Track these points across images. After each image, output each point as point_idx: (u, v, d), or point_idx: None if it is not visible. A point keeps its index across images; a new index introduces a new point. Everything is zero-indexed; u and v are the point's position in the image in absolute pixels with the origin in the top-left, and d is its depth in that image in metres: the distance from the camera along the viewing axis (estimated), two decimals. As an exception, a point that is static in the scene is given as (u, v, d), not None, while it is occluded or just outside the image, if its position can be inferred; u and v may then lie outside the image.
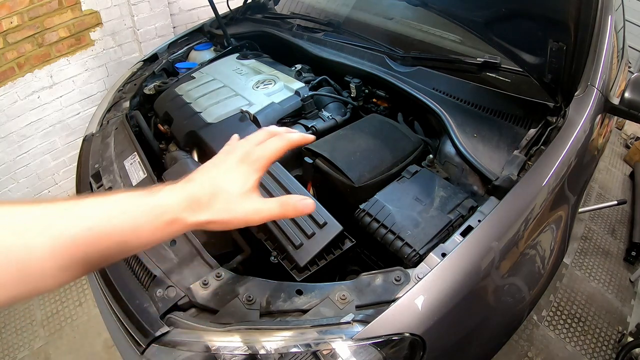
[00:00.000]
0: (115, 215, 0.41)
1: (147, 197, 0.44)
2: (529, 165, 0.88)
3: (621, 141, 3.24)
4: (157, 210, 0.44)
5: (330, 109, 1.28)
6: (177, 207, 0.45)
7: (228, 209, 0.47)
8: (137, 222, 0.42)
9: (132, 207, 0.43)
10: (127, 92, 1.51)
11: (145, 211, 0.43)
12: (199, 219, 0.46)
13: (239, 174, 0.49)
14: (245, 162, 0.51)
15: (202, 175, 0.49)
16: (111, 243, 0.41)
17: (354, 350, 0.63)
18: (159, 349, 0.67)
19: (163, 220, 0.44)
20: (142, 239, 0.43)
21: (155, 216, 0.43)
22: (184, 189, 0.47)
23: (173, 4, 2.37)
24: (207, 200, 0.47)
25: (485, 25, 1.10)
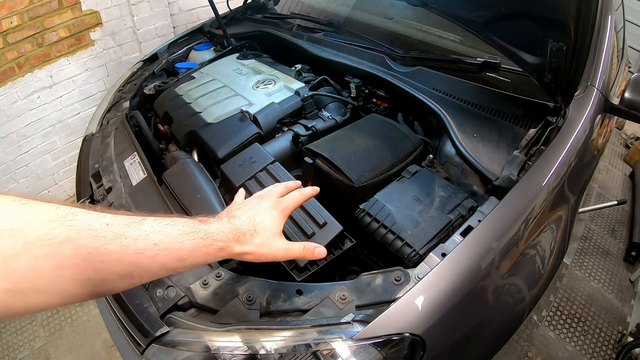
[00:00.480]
0: (178, 235, 0.48)
1: (203, 225, 0.53)
2: (529, 165, 0.88)
3: (621, 141, 3.24)
4: (213, 237, 0.52)
5: (330, 109, 1.28)
6: (227, 237, 0.54)
7: (264, 245, 0.58)
8: (195, 244, 0.50)
9: (192, 231, 0.50)
10: (127, 92, 1.51)
11: (202, 237, 0.51)
12: (243, 249, 0.56)
13: (272, 217, 0.61)
14: (276, 208, 0.63)
15: (243, 213, 0.59)
16: (171, 259, 0.47)
17: (354, 350, 0.63)
18: (159, 349, 0.67)
19: (216, 246, 0.52)
20: (196, 258, 0.51)
21: (211, 242, 0.52)
22: (231, 223, 0.56)
23: (173, 4, 2.37)
24: (249, 235, 0.57)
25: (485, 25, 1.10)
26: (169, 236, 0.47)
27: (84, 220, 0.41)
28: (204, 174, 1.03)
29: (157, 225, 0.47)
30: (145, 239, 0.45)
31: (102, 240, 0.41)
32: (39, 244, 0.37)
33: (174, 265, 0.48)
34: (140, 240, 0.44)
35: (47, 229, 0.38)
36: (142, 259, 0.44)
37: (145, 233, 0.45)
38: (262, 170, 0.98)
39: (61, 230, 0.39)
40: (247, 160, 1.02)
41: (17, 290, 0.36)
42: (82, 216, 0.42)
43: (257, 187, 0.95)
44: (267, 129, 1.17)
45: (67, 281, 0.39)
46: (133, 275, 0.45)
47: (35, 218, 0.38)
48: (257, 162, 1.00)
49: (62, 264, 0.38)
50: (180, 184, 1.00)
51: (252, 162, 1.01)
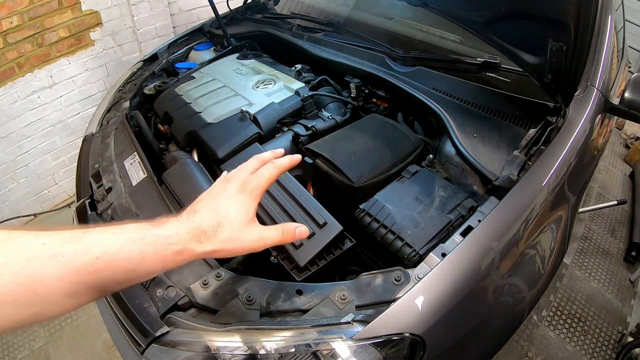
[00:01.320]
0: (123, 244, 0.44)
1: (154, 229, 0.47)
2: (529, 165, 0.88)
3: (621, 141, 3.24)
4: (165, 241, 0.46)
5: (330, 109, 1.28)
6: (185, 238, 0.48)
7: (233, 239, 0.51)
8: (145, 251, 0.44)
9: (140, 237, 0.45)
10: (127, 92, 1.51)
11: (153, 242, 0.45)
12: (205, 249, 0.49)
13: (239, 204, 0.53)
14: (243, 191, 0.54)
15: (204, 206, 0.52)
16: (118, 271, 0.43)
17: (354, 350, 0.63)
18: (159, 349, 0.67)
19: (172, 250, 0.46)
20: (150, 267, 0.46)
21: (164, 246, 0.46)
22: (189, 220, 0.50)
23: (173, 4, 2.37)
24: (212, 231, 0.50)
25: (485, 25, 1.10)
26: (111, 247, 0.43)
27: (19, 243, 0.39)
28: (204, 174, 1.03)
29: (99, 236, 0.43)
30: (85, 253, 0.41)
31: (38, 262, 0.39)
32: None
33: (124, 277, 0.44)
34: (80, 256, 0.41)
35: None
36: (85, 276, 0.41)
37: (85, 247, 0.42)
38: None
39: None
40: None
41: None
42: (19, 239, 0.40)
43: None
44: (267, 129, 1.17)
45: (10, 306, 0.38)
46: (79, 293, 0.42)
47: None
48: (257, 162, 1.00)
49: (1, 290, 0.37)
50: (180, 184, 1.00)
51: (252, 162, 1.01)
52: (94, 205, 1.05)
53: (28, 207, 2.31)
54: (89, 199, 1.08)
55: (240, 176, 0.56)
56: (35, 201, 2.34)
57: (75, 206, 1.10)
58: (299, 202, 0.88)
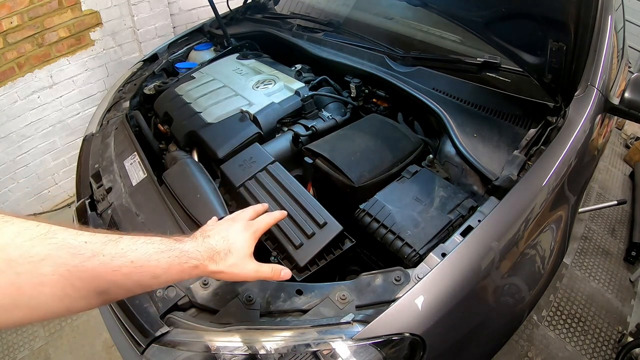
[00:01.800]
0: (154, 254, 0.50)
1: (178, 244, 0.54)
2: (529, 165, 0.88)
3: (621, 141, 3.24)
4: (187, 255, 0.54)
5: (330, 109, 1.28)
6: (202, 256, 0.56)
7: (237, 265, 0.60)
8: (170, 262, 0.51)
9: (167, 249, 0.52)
10: (127, 92, 1.51)
11: (177, 255, 0.52)
12: (217, 268, 0.57)
13: (244, 239, 0.63)
14: (247, 231, 0.65)
15: (216, 233, 0.61)
16: (146, 276, 0.49)
17: (354, 350, 0.63)
18: (159, 349, 0.67)
19: (190, 264, 0.54)
20: (171, 276, 0.52)
21: (186, 259, 0.53)
22: (205, 242, 0.58)
23: (173, 4, 2.37)
24: (224, 255, 0.59)
25: (485, 25, 1.10)
26: (144, 254, 0.48)
27: (63, 238, 0.42)
28: (204, 174, 1.03)
29: (133, 243, 0.49)
30: (122, 256, 0.46)
31: (81, 258, 0.42)
32: (21, 261, 0.38)
33: (149, 282, 0.50)
34: (117, 258, 0.45)
35: (29, 246, 0.39)
36: (119, 276, 0.46)
37: (122, 251, 0.46)
38: (262, 170, 0.98)
39: (42, 248, 0.40)
40: (247, 160, 1.02)
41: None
42: (61, 234, 0.43)
43: (257, 187, 0.95)
44: (267, 129, 1.17)
45: (46, 297, 0.40)
46: (109, 292, 0.46)
47: (17, 236, 0.39)
48: (257, 162, 1.00)
49: (42, 280, 0.40)
50: (180, 184, 1.00)
51: (252, 162, 1.01)
52: (94, 205, 1.05)
53: (28, 207, 2.31)
54: (89, 199, 1.08)
55: (242, 219, 0.67)
56: (35, 201, 2.34)
57: (75, 206, 1.10)
58: (299, 202, 0.88)
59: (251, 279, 0.62)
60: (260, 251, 0.87)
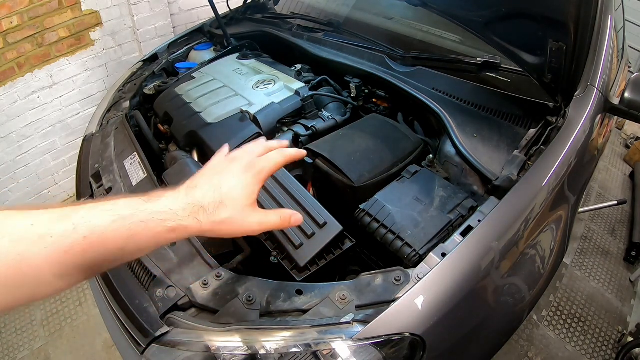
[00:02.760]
0: (112, 222, 0.42)
1: (147, 204, 0.45)
2: (529, 165, 0.88)
3: (621, 141, 3.24)
4: (157, 217, 0.44)
5: (330, 109, 1.28)
6: (180, 214, 0.45)
7: (234, 219, 0.48)
8: (133, 229, 0.42)
9: (130, 214, 0.43)
10: (127, 92, 1.51)
11: (143, 218, 0.43)
12: (202, 227, 0.47)
13: (244, 184, 0.50)
14: (249, 171, 0.52)
15: (205, 182, 0.49)
16: (107, 250, 0.42)
17: (354, 350, 0.63)
18: (159, 349, 0.67)
19: (164, 227, 0.44)
20: (140, 244, 0.44)
21: (156, 223, 0.44)
22: (188, 195, 0.47)
23: (173, 4, 2.37)
24: (213, 209, 0.47)
25: (485, 25, 1.10)
26: (99, 226, 0.41)
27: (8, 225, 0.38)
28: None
29: (88, 214, 0.41)
30: (74, 232, 0.40)
31: (25, 244, 0.38)
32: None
33: (114, 256, 0.43)
34: (68, 236, 0.39)
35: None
36: (73, 257, 0.40)
37: (73, 226, 0.40)
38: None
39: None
40: None
41: None
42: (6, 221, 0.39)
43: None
44: (267, 129, 1.17)
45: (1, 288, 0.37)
46: (69, 274, 0.41)
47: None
48: (257, 162, 1.00)
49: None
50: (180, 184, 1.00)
51: (252, 162, 1.01)
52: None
53: (28, 207, 2.31)
54: (89, 199, 1.08)
55: (246, 157, 0.54)
56: (35, 201, 2.34)
57: (75, 206, 1.10)
58: (299, 202, 0.88)
59: (256, 232, 0.52)
60: (260, 252, 0.87)
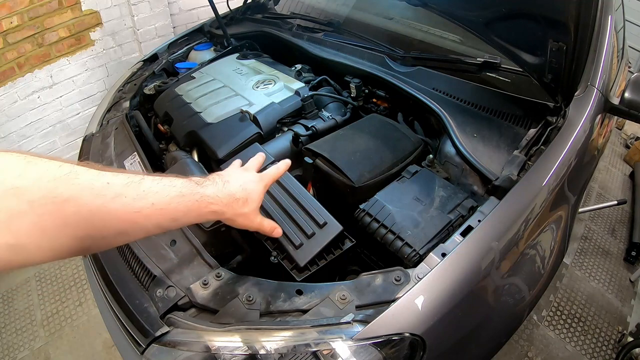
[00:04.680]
0: (174, 197, 0.50)
1: (199, 187, 0.54)
2: (529, 165, 0.88)
3: (621, 141, 3.24)
4: (207, 200, 0.55)
5: (330, 109, 1.28)
6: (221, 201, 0.57)
7: (249, 216, 0.62)
8: (189, 206, 0.52)
9: (189, 192, 0.52)
10: (127, 92, 1.51)
11: (198, 199, 0.53)
12: (234, 213, 0.59)
13: (258, 191, 0.64)
14: (261, 182, 0.66)
15: (235, 180, 0.62)
16: (166, 219, 0.50)
17: (354, 350, 0.63)
18: (159, 349, 0.67)
19: (210, 209, 0.55)
20: (189, 219, 0.53)
21: (205, 204, 0.54)
22: (225, 187, 0.59)
23: (173, 4, 2.38)
24: (241, 203, 0.60)
25: (485, 25, 1.10)
26: (166, 197, 0.49)
27: (85, 179, 0.42)
28: (204, 174, 1.03)
29: (155, 185, 0.49)
30: (144, 198, 0.47)
31: (103, 199, 0.43)
32: (43, 202, 0.39)
33: (167, 224, 0.51)
34: (139, 200, 0.46)
35: (51, 187, 0.39)
36: (139, 218, 0.46)
37: (144, 193, 0.47)
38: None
39: (64, 189, 0.40)
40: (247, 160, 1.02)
41: (20, 246, 0.38)
42: (84, 175, 0.43)
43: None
44: (267, 129, 1.17)
45: (68, 238, 0.41)
46: (129, 233, 0.47)
47: (40, 177, 0.39)
48: (257, 162, 1.00)
49: (65, 222, 0.40)
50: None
51: (252, 162, 1.01)
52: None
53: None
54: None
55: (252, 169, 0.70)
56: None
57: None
58: (299, 202, 0.88)
59: (253, 229, 0.66)
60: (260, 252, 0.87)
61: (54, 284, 1.95)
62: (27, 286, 1.95)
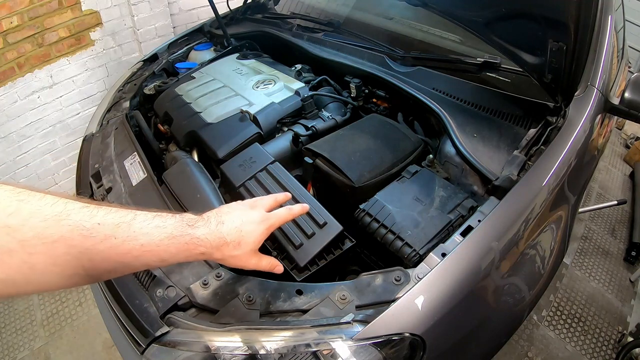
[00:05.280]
0: (164, 239, 0.51)
1: (190, 229, 0.54)
2: (529, 165, 0.88)
3: (621, 141, 3.24)
4: (197, 242, 0.54)
5: (330, 109, 1.28)
6: (210, 244, 0.56)
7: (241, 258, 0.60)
8: (179, 248, 0.53)
9: (179, 234, 0.52)
10: (127, 92, 1.51)
11: (187, 241, 0.53)
12: (222, 256, 0.58)
13: (257, 233, 0.62)
14: (263, 224, 0.63)
15: (231, 222, 0.60)
16: (155, 259, 0.51)
17: (354, 350, 0.63)
18: (159, 349, 0.67)
19: (198, 251, 0.55)
20: (176, 259, 0.54)
21: (194, 246, 0.54)
22: (217, 230, 0.58)
23: (173, 4, 2.37)
24: (232, 246, 0.59)
25: (486, 25, 1.10)
26: (155, 239, 0.50)
27: (76, 221, 0.44)
28: (204, 174, 1.03)
29: (146, 225, 0.50)
30: (134, 239, 0.48)
31: (93, 241, 0.44)
32: (34, 242, 0.40)
33: (155, 264, 0.52)
34: (129, 242, 0.47)
35: (42, 227, 0.41)
36: (128, 258, 0.48)
37: (134, 234, 0.48)
38: (262, 170, 0.98)
39: (55, 230, 0.41)
40: (247, 160, 1.02)
41: (10, 281, 0.40)
42: (75, 215, 0.44)
43: (257, 187, 0.95)
44: (267, 129, 1.17)
45: (57, 276, 0.43)
46: (117, 271, 0.49)
47: (31, 216, 0.40)
48: (257, 162, 1.00)
49: (55, 261, 0.42)
50: (180, 184, 1.00)
51: (252, 162, 1.01)
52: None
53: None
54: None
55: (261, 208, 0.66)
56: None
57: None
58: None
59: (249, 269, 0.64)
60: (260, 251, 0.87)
61: (54, 284, 1.95)
62: (27, 286, 1.95)
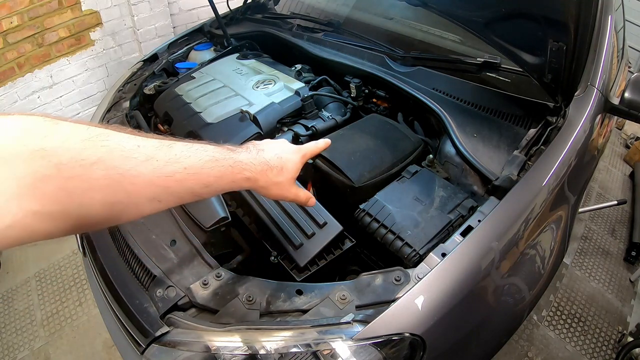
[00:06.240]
0: (207, 161, 0.48)
1: (232, 153, 0.53)
2: (529, 165, 0.88)
3: (621, 141, 3.24)
4: (241, 166, 0.53)
5: (330, 109, 1.28)
6: (255, 169, 0.55)
7: (283, 185, 0.61)
8: (223, 171, 0.50)
9: (222, 157, 0.51)
10: (127, 92, 1.51)
11: (231, 164, 0.52)
12: (265, 183, 0.58)
13: (295, 161, 0.63)
14: (299, 153, 0.65)
15: (270, 149, 0.60)
16: (198, 184, 0.48)
17: (354, 350, 0.63)
18: (159, 349, 0.67)
19: (243, 175, 0.54)
20: (221, 186, 0.52)
21: (239, 170, 0.53)
22: (260, 155, 0.57)
23: (173, 4, 2.38)
24: (276, 172, 0.59)
25: (485, 25, 1.10)
26: (198, 161, 0.47)
27: (115, 141, 0.40)
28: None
29: (187, 149, 0.47)
30: (176, 162, 0.44)
31: (134, 162, 0.40)
32: (71, 165, 0.36)
33: (200, 190, 0.48)
34: (171, 164, 0.44)
35: (80, 149, 0.37)
36: (171, 183, 0.44)
37: (176, 156, 0.45)
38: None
39: (93, 151, 0.37)
40: None
41: (46, 213, 0.35)
42: (114, 137, 0.40)
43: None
44: (267, 129, 1.17)
45: (97, 204, 0.38)
46: (161, 199, 0.45)
47: (67, 138, 0.36)
48: (257, 162, 1.00)
49: (93, 185, 0.37)
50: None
51: (252, 162, 1.01)
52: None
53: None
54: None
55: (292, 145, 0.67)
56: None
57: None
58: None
59: (289, 200, 0.65)
60: (260, 252, 0.87)
61: (54, 284, 1.95)
62: (27, 286, 1.95)
